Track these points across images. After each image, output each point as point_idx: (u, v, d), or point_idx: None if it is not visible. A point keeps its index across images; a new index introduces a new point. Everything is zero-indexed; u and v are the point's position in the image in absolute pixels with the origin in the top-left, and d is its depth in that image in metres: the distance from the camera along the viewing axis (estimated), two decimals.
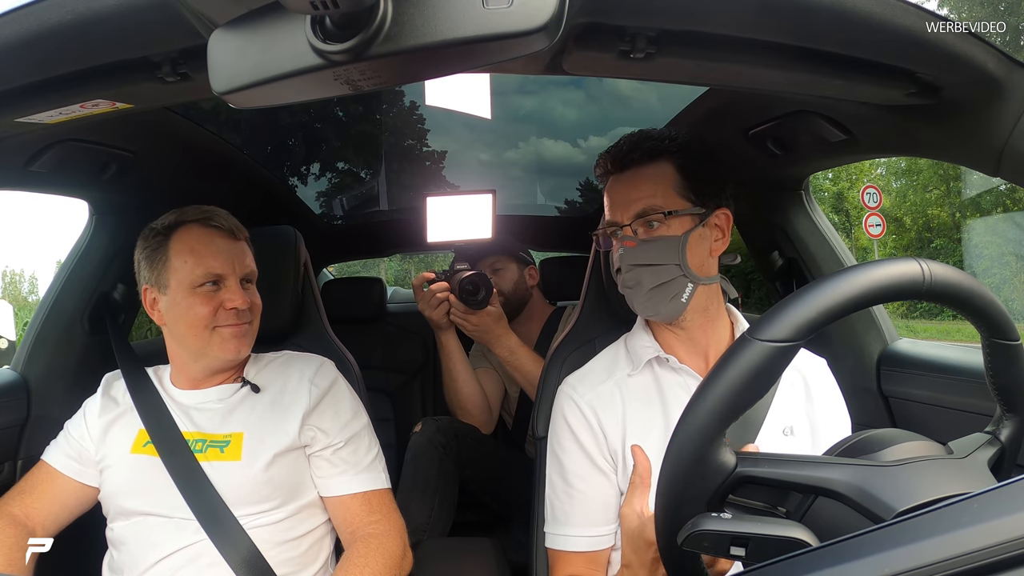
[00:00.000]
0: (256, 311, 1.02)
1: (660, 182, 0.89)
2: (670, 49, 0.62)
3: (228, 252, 0.98)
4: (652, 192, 0.88)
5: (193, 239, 0.97)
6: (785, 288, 1.46)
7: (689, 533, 0.48)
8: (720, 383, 0.49)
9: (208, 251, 0.97)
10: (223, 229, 0.99)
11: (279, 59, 0.44)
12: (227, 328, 0.97)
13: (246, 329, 0.99)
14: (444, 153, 2.83)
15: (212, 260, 0.96)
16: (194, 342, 0.97)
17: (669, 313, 0.88)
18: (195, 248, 0.97)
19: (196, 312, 0.95)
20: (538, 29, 0.41)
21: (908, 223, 15.37)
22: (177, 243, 0.97)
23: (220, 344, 0.97)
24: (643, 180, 0.89)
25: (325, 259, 2.68)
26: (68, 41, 0.58)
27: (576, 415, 0.91)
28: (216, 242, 0.98)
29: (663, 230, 0.87)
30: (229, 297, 0.96)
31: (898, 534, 0.37)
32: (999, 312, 0.53)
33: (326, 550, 1.02)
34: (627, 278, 0.89)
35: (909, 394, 1.23)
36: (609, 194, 0.93)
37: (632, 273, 0.88)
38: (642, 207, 0.88)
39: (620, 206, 0.90)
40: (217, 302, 0.96)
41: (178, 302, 0.96)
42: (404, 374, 2.15)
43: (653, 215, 0.87)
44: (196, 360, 1.00)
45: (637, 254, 0.87)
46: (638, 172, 0.90)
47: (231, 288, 0.97)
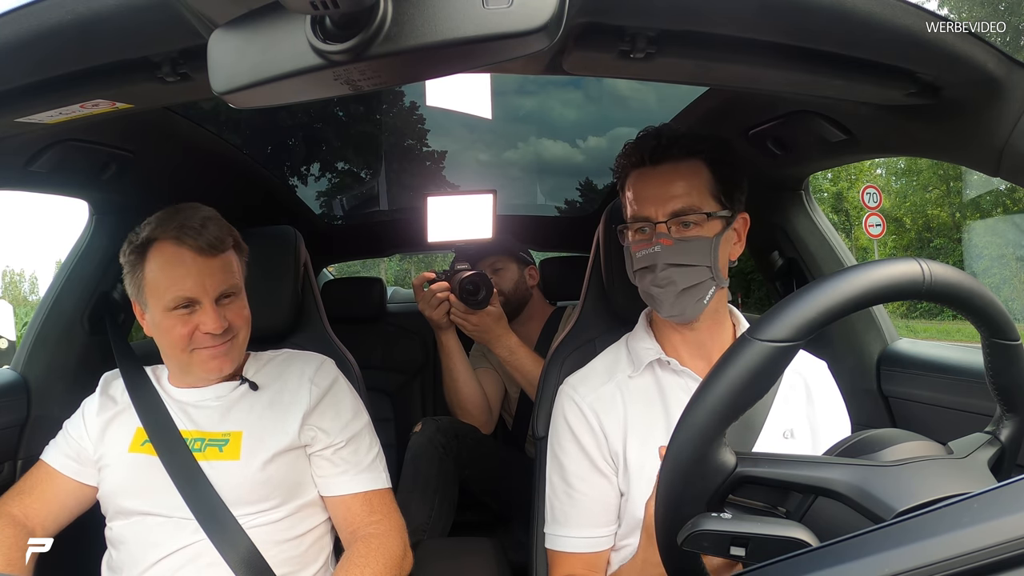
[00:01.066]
0: (240, 325, 0.98)
1: (695, 181, 0.87)
2: (670, 49, 0.62)
3: (200, 273, 0.93)
4: (689, 190, 0.86)
5: (164, 259, 0.93)
6: (785, 288, 1.46)
7: (689, 533, 0.48)
8: (720, 383, 0.49)
9: (178, 273, 0.92)
10: (195, 248, 0.93)
11: (279, 59, 0.44)
12: (205, 350, 0.95)
13: (227, 348, 0.96)
14: (444, 153, 2.83)
15: (183, 282, 0.92)
16: (177, 360, 0.97)
17: (691, 314, 0.87)
18: (166, 269, 0.93)
19: (174, 334, 0.93)
20: (538, 29, 0.41)
21: (908, 223, 15.38)
22: (151, 262, 0.94)
23: (201, 364, 0.95)
24: (679, 177, 0.87)
25: (325, 259, 2.68)
26: (68, 41, 0.58)
27: (577, 416, 0.91)
28: (187, 263, 0.92)
29: (697, 231, 0.86)
30: (203, 321, 0.93)
31: (898, 534, 0.37)
32: (999, 312, 0.53)
33: (326, 550, 1.02)
34: (661, 277, 0.85)
35: (909, 394, 1.23)
36: (637, 187, 0.89)
37: (666, 272, 0.85)
38: (681, 205, 0.85)
39: (654, 201, 0.87)
40: (193, 324, 0.93)
41: (158, 322, 0.94)
42: (404, 374, 2.15)
43: (693, 215, 0.85)
44: (184, 373, 1.01)
45: (675, 253, 0.85)
46: (674, 168, 0.87)
47: (205, 311, 0.93)
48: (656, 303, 0.88)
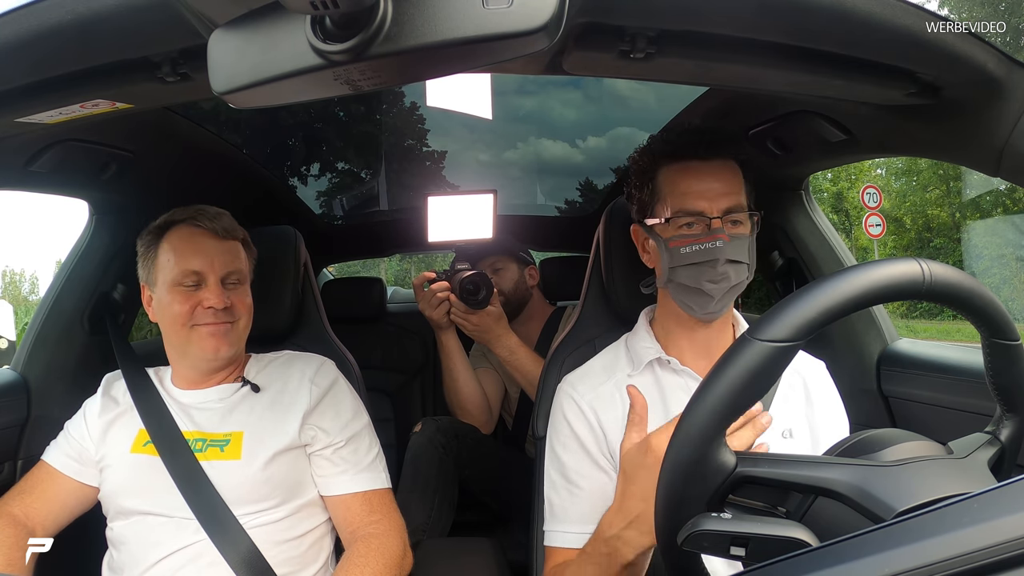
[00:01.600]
0: (242, 311, 1.01)
1: (737, 179, 0.88)
2: (670, 49, 0.62)
3: (210, 252, 0.99)
4: (737, 188, 0.87)
5: (178, 238, 1.00)
6: (785, 288, 1.46)
7: (689, 533, 0.48)
8: (720, 383, 0.49)
9: (190, 250, 0.98)
10: (209, 229, 1.00)
11: (279, 59, 0.44)
12: (204, 327, 0.97)
13: (226, 329, 0.99)
14: (444, 153, 2.83)
15: (193, 259, 0.98)
16: (176, 339, 0.99)
17: (722, 311, 0.88)
18: (178, 247, 0.99)
19: (175, 309, 0.97)
20: (538, 29, 0.41)
21: (908, 223, 15.39)
22: (166, 242, 1.00)
23: (198, 342, 0.98)
24: (729, 174, 0.88)
25: (325, 259, 2.68)
26: (68, 41, 0.58)
27: (576, 413, 0.91)
28: (200, 242, 0.99)
29: (742, 229, 0.87)
30: (206, 296, 0.97)
31: (898, 534, 0.37)
32: (999, 312, 0.53)
33: (326, 550, 1.02)
34: (719, 272, 0.84)
35: (909, 394, 1.23)
36: (684, 181, 0.87)
37: (725, 268, 0.85)
38: (733, 202, 0.86)
39: (708, 196, 0.86)
40: (195, 301, 0.97)
41: (162, 298, 0.99)
42: (404, 374, 2.15)
43: (741, 212, 0.86)
44: (181, 358, 1.02)
45: (734, 250, 0.85)
46: (723, 165, 0.88)
47: (210, 287, 0.98)
48: (703, 300, 0.86)
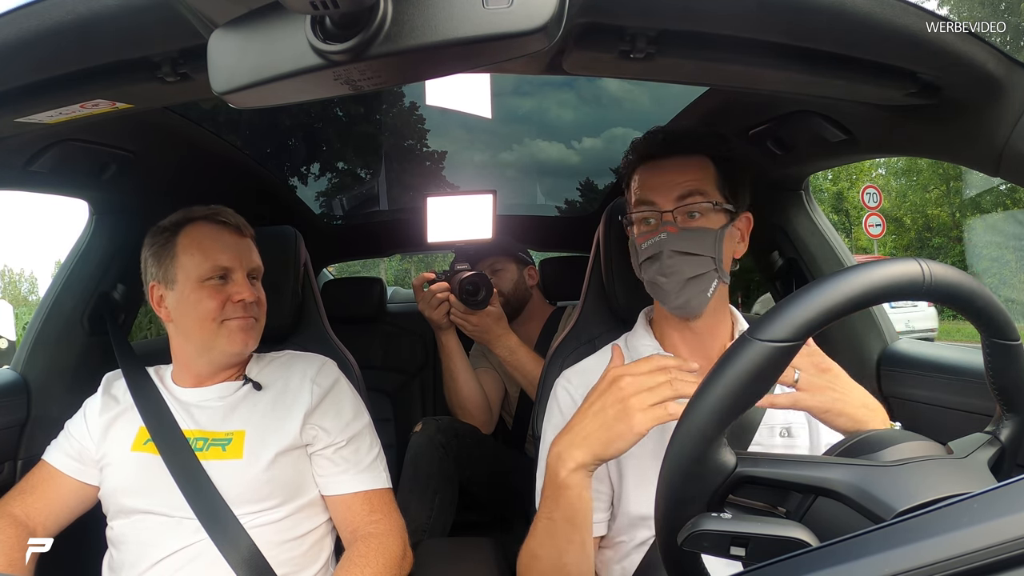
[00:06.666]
0: (262, 307, 1.03)
1: (703, 173, 0.88)
2: (670, 49, 0.62)
3: (235, 247, 1.01)
4: (698, 181, 0.88)
5: (201, 235, 1.00)
6: (785, 288, 1.46)
7: (689, 533, 0.48)
8: (720, 383, 0.49)
9: (216, 246, 0.99)
10: (230, 225, 1.02)
11: (279, 59, 0.43)
12: (235, 321, 0.98)
13: (253, 323, 1.00)
14: (444, 153, 2.83)
15: (220, 254, 0.98)
16: (201, 336, 0.98)
17: (695, 307, 0.87)
18: (203, 243, 0.99)
19: (204, 306, 0.97)
20: (538, 29, 0.41)
21: (908, 223, 15.39)
22: (185, 239, 0.99)
23: (228, 337, 0.98)
24: (688, 168, 0.89)
25: (325, 259, 2.68)
26: (68, 41, 0.58)
27: (568, 401, 0.92)
28: (224, 237, 1.00)
29: (703, 221, 0.87)
30: (237, 290, 0.98)
31: (898, 534, 0.37)
32: (999, 312, 0.53)
33: (327, 550, 1.02)
34: (666, 265, 0.86)
35: (909, 394, 1.23)
36: (645, 177, 0.91)
37: (672, 260, 0.86)
38: (687, 189, 0.87)
39: (661, 189, 0.88)
40: (225, 295, 0.97)
41: (186, 296, 0.97)
42: (404, 374, 2.14)
43: (699, 202, 0.86)
44: (202, 355, 1.01)
45: (680, 241, 0.86)
46: (683, 160, 0.89)
47: (239, 281, 0.99)
48: (662, 293, 0.88)
